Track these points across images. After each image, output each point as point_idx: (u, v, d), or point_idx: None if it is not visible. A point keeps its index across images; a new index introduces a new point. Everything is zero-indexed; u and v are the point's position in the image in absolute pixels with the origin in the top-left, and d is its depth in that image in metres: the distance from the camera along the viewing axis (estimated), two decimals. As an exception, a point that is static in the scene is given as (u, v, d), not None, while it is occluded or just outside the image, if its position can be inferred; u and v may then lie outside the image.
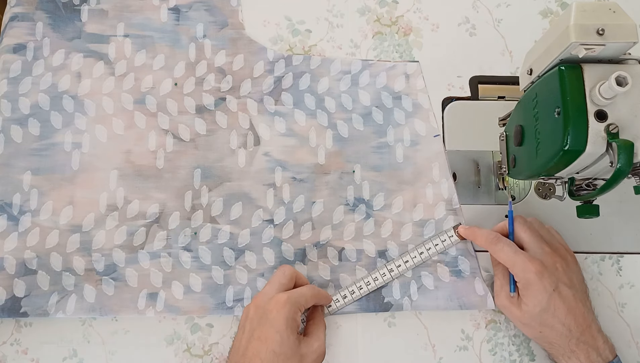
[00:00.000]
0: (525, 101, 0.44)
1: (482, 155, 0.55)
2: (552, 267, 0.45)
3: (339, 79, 0.56)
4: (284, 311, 0.43)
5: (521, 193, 0.54)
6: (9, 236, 0.50)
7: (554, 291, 0.44)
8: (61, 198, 0.51)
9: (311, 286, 0.47)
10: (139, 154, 0.53)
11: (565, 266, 0.46)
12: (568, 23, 0.36)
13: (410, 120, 0.55)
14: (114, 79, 0.55)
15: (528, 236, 0.47)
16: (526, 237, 0.47)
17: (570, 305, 0.44)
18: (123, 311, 0.49)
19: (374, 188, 0.53)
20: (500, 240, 0.46)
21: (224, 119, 0.54)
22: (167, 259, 0.51)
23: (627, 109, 0.37)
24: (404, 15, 0.58)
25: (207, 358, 0.49)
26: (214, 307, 0.50)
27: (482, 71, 0.57)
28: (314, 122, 0.55)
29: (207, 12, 0.57)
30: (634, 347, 0.50)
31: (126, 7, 0.57)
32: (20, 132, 0.53)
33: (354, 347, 0.50)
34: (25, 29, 0.55)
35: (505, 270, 0.48)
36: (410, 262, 0.50)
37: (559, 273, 0.45)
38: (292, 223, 0.52)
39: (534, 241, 0.47)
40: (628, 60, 0.38)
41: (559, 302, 0.44)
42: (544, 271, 0.44)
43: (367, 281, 0.50)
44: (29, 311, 0.48)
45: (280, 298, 0.43)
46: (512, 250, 0.46)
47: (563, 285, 0.45)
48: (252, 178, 0.53)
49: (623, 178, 0.36)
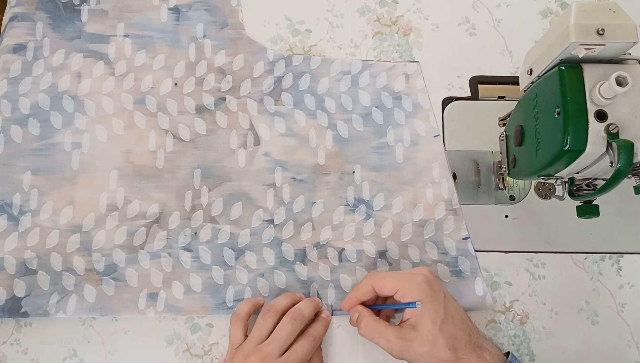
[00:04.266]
0: (525, 101, 0.44)
1: (482, 155, 0.55)
2: (431, 276, 0.44)
3: (339, 80, 0.56)
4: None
5: (521, 193, 0.54)
6: (9, 236, 0.50)
7: (444, 298, 0.44)
8: (61, 198, 0.51)
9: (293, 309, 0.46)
10: (139, 154, 0.53)
11: (434, 275, 0.45)
12: (568, 23, 0.36)
13: (410, 120, 0.55)
14: (114, 79, 0.55)
15: (387, 275, 0.45)
16: (387, 277, 0.45)
17: (459, 310, 0.44)
18: (123, 312, 0.49)
19: (374, 188, 0.53)
20: (376, 274, 0.45)
21: (224, 119, 0.54)
22: (167, 259, 0.51)
23: (627, 109, 0.37)
24: (404, 15, 0.58)
25: (207, 358, 0.49)
26: (214, 307, 0.50)
27: (482, 71, 0.57)
28: (314, 122, 0.55)
29: (207, 12, 0.57)
30: (634, 347, 0.50)
31: (126, 7, 0.57)
32: (20, 132, 0.53)
33: (354, 347, 0.50)
34: (25, 29, 0.55)
35: (378, 325, 0.44)
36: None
37: (438, 281, 0.45)
38: (292, 223, 0.52)
39: (394, 274, 0.45)
40: (628, 60, 0.38)
41: (452, 309, 0.43)
42: (431, 281, 0.43)
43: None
44: (29, 311, 0.48)
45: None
46: (392, 276, 0.44)
47: (446, 291, 0.45)
48: (252, 178, 0.53)
49: (623, 178, 0.36)
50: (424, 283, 0.43)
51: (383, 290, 0.45)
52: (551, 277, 0.51)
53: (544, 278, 0.51)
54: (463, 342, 0.42)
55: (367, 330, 0.44)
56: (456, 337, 0.42)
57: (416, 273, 0.44)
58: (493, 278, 0.51)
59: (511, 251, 0.52)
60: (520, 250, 0.52)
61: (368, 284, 0.45)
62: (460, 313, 0.44)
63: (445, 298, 0.44)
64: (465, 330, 0.43)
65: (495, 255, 0.52)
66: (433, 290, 0.43)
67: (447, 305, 0.43)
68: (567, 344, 0.50)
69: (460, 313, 0.44)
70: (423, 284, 0.43)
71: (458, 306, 0.45)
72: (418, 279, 0.43)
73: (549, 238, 0.53)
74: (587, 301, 0.51)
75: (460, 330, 0.43)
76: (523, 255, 0.52)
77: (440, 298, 0.43)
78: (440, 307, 0.42)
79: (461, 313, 0.45)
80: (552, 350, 0.50)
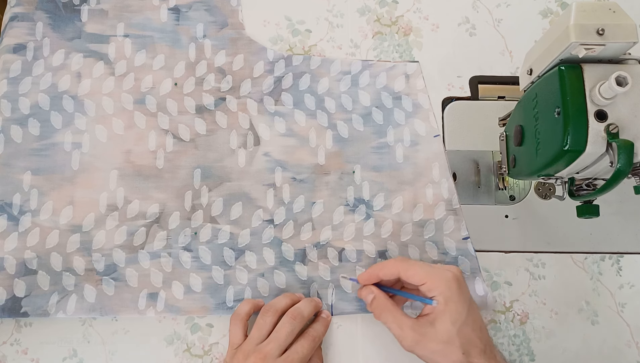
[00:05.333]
0: (525, 101, 0.44)
1: (482, 155, 0.55)
2: (461, 276, 0.43)
3: (339, 80, 0.56)
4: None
5: (521, 193, 0.55)
6: (9, 236, 0.50)
7: (470, 301, 0.42)
8: (61, 198, 0.51)
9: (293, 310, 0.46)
10: (139, 154, 0.53)
11: (463, 277, 0.44)
12: (568, 23, 0.36)
13: (410, 120, 0.55)
14: (114, 79, 0.55)
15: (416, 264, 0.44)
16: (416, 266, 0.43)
17: (480, 318, 0.43)
18: (123, 312, 0.49)
19: (374, 188, 0.53)
20: (406, 261, 0.44)
21: (224, 119, 0.54)
22: (167, 259, 0.51)
23: (627, 109, 0.37)
24: (404, 15, 0.58)
25: (207, 358, 0.49)
26: (214, 307, 0.50)
27: (482, 71, 0.57)
28: (314, 122, 0.55)
29: (207, 12, 0.57)
30: (634, 347, 0.50)
31: (126, 7, 0.57)
32: (20, 132, 0.53)
33: (354, 347, 0.50)
34: (25, 29, 0.55)
35: (394, 310, 0.43)
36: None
37: (465, 283, 0.44)
38: (292, 223, 0.52)
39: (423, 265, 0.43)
40: (628, 60, 0.38)
41: (474, 315, 0.42)
42: (460, 280, 0.43)
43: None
44: (29, 311, 0.48)
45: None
46: (422, 267, 0.43)
47: (472, 297, 0.44)
48: (252, 178, 0.53)
49: (623, 178, 0.36)
50: (453, 281, 0.42)
51: (411, 278, 0.43)
52: (551, 277, 0.51)
53: (544, 278, 0.51)
54: (478, 349, 0.41)
55: (381, 311, 0.43)
56: (472, 342, 0.41)
57: (446, 269, 0.43)
58: (493, 278, 0.51)
59: (511, 251, 0.52)
60: (520, 250, 0.52)
61: (395, 267, 0.44)
62: (480, 321, 0.43)
63: (470, 302, 0.43)
64: (482, 338, 0.42)
65: (495, 255, 0.52)
66: (461, 290, 0.42)
67: (471, 309, 0.42)
68: (567, 344, 0.50)
69: (480, 321, 0.43)
70: (452, 281, 0.42)
71: (479, 314, 0.44)
72: (448, 276, 0.42)
73: (549, 238, 0.53)
74: (587, 301, 0.51)
75: (477, 337, 0.42)
76: (523, 255, 0.52)
77: (465, 300, 0.42)
78: (464, 309, 0.41)
79: (481, 321, 0.43)
80: (552, 350, 0.50)
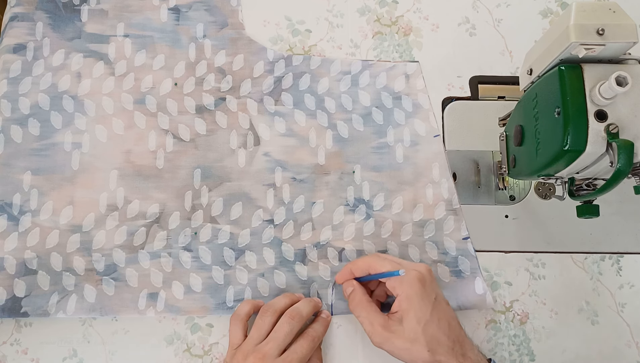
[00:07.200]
0: (525, 101, 0.44)
1: (482, 155, 0.55)
2: (427, 275, 0.44)
3: (339, 80, 0.56)
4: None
5: (521, 193, 0.55)
6: (9, 236, 0.50)
7: (435, 300, 0.43)
8: (61, 198, 0.51)
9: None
10: (139, 154, 0.53)
11: (432, 275, 0.45)
12: (568, 23, 0.36)
13: (410, 120, 0.55)
14: (114, 79, 0.55)
15: (386, 262, 0.45)
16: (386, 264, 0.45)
17: (448, 315, 0.43)
18: (123, 312, 0.49)
19: (374, 188, 0.53)
20: (377, 258, 0.45)
21: (224, 119, 0.54)
22: (167, 259, 0.51)
23: (627, 109, 0.37)
24: (404, 15, 0.58)
25: (207, 358, 0.49)
26: (214, 307, 0.50)
27: (482, 71, 0.57)
28: (314, 122, 0.55)
29: (207, 12, 0.57)
30: (634, 347, 0.50)
31: (126, 7, 0.57)
32: (20, 132, 0.53)
33: (354, 347, 0.50)
34: (25, 29, 0.55)
35: (368, 306, 0.45)
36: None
37: (433, 282, 0.44)
38: (292, 223, 0.52)
39: (394, 263, 0.45)
40: (628, 60, 0.38)
41: (440, 312, 0.43)
42: (425, 279, 0.43)
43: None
44: (30, 311, 0.48)
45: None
46: (390, 264, 0.44)
47: (440, 294, 0.44)
48: (252, 178, 0.53)
49: (623, 178, 0.36)
50: (416, 281, 0.43)
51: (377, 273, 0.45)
52: (551, 277, 0.51)
53: (544, 278, 0.51)
54: (445, 347, 0.42)
55: (355, 305, 0.45)
56: (438, 340, 0.42)
57: (412, 268, 0.44)
58: (493, 278, 0.51)
59: (511, 251, 0.52)
60: (520, 250, 0.52)
61: (366, 264, 0.46)
62: (448, 319, 0.43)
63: (435, 300, 0.43)
64: (450, 336, 0.42)
65: (495, 255, 0.52)
66: (424, 289, 0.43)
67: (436, 308, 0.43)
68: (567, 344, 0.50)
69: (448, 319, 0.43)
70: (415, 281, 0.43)
71: (449, 312, 0.44)
72: (412, 275, 0.43)
73: (549, 238, 0.53)
74: (587, 301, 0.51)
75: (444, 335, 0.42)
76: (523, 255, 0.52)
77: (429, 299, 0.43)
78: (428, 308, 0.42)
79: (450, 318, 0.44)
80: (552, 350, 0.50)
